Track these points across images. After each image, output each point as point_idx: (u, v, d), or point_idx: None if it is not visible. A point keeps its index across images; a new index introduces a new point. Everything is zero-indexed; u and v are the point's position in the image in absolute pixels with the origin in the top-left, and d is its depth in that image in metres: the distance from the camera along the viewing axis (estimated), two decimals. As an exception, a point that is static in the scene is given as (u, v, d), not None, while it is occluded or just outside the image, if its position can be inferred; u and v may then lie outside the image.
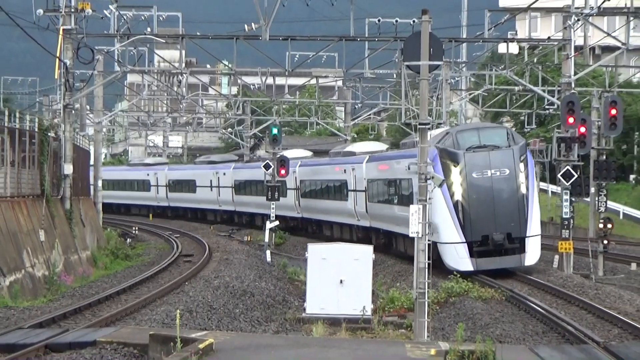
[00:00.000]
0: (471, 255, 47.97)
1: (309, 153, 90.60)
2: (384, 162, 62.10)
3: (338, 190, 70.71)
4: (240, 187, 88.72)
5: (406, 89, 63.95)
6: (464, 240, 47.87)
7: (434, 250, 39.63)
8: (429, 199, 38.53)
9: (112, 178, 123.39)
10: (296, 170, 78.59)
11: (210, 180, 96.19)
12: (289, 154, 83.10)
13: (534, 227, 48.93)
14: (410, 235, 33.19)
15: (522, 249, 48.47)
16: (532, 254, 49.28)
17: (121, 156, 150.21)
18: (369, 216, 63.63)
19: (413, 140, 57.26)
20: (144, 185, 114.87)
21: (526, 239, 48.29)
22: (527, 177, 48.88)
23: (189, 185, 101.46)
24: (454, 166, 47.80)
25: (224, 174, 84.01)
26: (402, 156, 59.08)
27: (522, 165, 48.54)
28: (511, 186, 48.29)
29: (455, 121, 77.43)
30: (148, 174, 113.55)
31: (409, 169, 44.03)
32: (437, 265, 45.06)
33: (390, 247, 64.19)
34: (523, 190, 48.50)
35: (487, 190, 48.15)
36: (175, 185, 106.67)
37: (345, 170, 70.17)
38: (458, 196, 48.20)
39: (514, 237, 48.35)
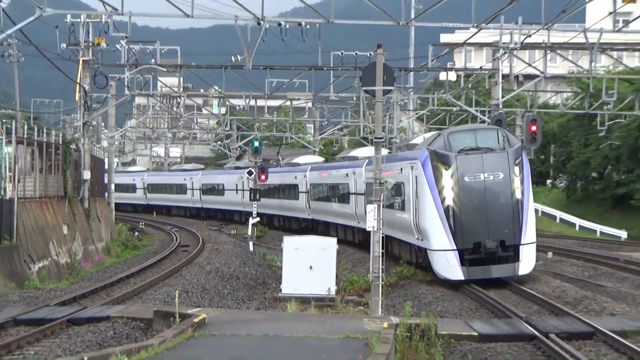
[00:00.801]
0: (462, 263, 37.89)
1: (320, 159, 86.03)
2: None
3: (342, 193, 64.32)
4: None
5: (364, 109, 63.81)
6: (455, 248, 37.83)
7: (424, 256, 39.41)
8: (415, 200, 39.29)
9: (156, 182, 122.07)
10: (306, 175, 73.77)
11: (236, 185, 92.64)
12: (301, 159, 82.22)
13: (529, 234, 38.81)
14: (367, 229, 33.29)
15: (516, 258, 38.52)
16: (527, 262, 39.00)
17: (130, 164, 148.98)
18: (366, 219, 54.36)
19: (407, 143, 53.61)
20: (181, 189, 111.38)
21: (520, 246, 38.47)
22: (522, 182, 38.98)
23: (218, 189, 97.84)
24: (445, 169, 38.19)
25: (247, 179, 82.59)
26: (396, 159, 49.76)
27: (517, 169, 38.82)
28: (505, 191, 38.65)
29: (404, 136, 76.86)
30: (185, 179, 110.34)
31: (401, 172, 43.27)
32: (430, 270, 40.52)
33: (387, 250, 47.77)
34: (518, 195, 38.59)
35: (480, 195, 38.32)
36: (207, 189, 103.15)
37: (347, 174, 63.11)
38: (449, 201, 38.17)
39: (508, 245, 38.41)
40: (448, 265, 38.15)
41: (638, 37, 58.50)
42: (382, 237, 33.46)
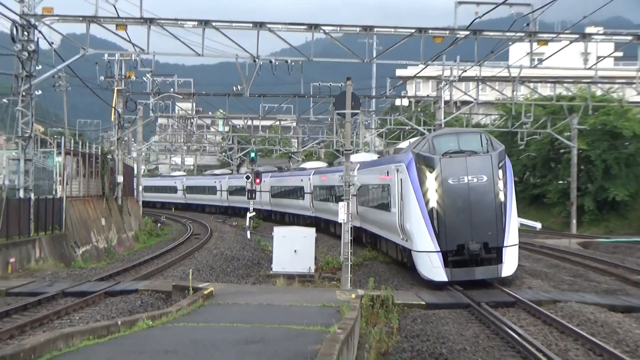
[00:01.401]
0: (446, 265, 30.89)
1: (324, 164, 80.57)
2: (370, 169, 45.63)
3: (337, 194, 56.36)
4: (276, 192, 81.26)
5: (336, 128, 64.05)
6: (439, 250, 30.86)
7: (409, 257, 33.37)
8: (400, 202, 33.28)
9: (192, 185, 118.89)
10: (310, 178, 67.28)
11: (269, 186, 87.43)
12: (307, 164, 78.98)
13: (511, 236, 31.89)
14: (339, 221, 33.16)
15: (499, 260, 31.42)
16: (510, 264, 31.84)
17: (154, 171, 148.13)
18: (359, 218, 48.56)
19: (394, 148, 47.07)
20: (212, 190, 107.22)
21: (503, 248, 31.43)
22: (505, 185, 32.14)
23: (241, 190, 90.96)
24: (430, 172, 31.37)
25: (264, 181, 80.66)
26: (381, 163, 43.81)
27: (500, 172, 32.00)
28: (489, 193, 31.57)
29: (367, 149, 76.79)
30: (215, 182, 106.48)
31: (387, 174, 37.45)
32: (415, 270, 33.22)
33: (376, 246, 46.22)
34: (501, 197, 31.68)
35: (464, 197, 31.37)
36: (232, 190, 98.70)
37: (342, 177, 56.20)
38: (433, 203, 31.18)
39: (491, 247, 31.40)
40: (432, 266, 31.12)
41: (549, 72, 58.63)
42: (351, 227, 33.38)
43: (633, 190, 76.44)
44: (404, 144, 44.89)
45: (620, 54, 74.96)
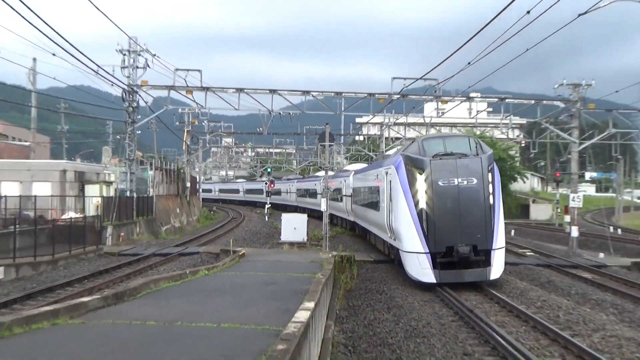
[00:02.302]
0: (434, 266, 20.93)
1: (331, 173, 61.63)
2: (363, 174, 35.11)
3: (337, 195, 46.04)
4: (300, 193, 70.70)
5: (319, 153, 63.86)
6: (427, 251, 20.93)
7: (396, 255, 23.84)
8: (390, 203, 23.38)
9: (248, 188, 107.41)
10: (321, 183, 48.08)
11: (287, 189, 78.72)
12: (319, 173, 63.91)
13: (499, 239, 21.22)
14: (321, 209, 32.60)
15: (487, 262, 20.95)
16: (497, 267, 21.11)
17: (209, 179, 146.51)
18: (353, 214, 39.64)
19: (385, 154, 36.01)
20: (260, 192, 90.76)
21: (492, 251, 20.91)
22: (494, 187, 21.55)
23: (277, 192, 79.60)
24: (419, 174, 21.34)
25: (291, 185, 75.82)
26: (375, 167, 30.55)
27: (489, 175, 21.46)
28: (478, 196, 21.13)
29: (339, 166, 76.59)
30: (262, 185, 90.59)
31: (377, 177, 27.63)
32: (402, 269, 22.59)
33: (366, 239, 36.09)
34: (490, 200, 21.16)
35: (454, 199, 21.09)
36: (273, 192, 79.10)
37: (341, 182, 45.07)
38: (422, 204, 21.17)
39: (480, 250, 20.93)
40: (420, 268, 21.06)
41: (448, 119, 59.28)
42: (328, 215, 33.08)
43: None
44: (391, 151, 35.18)
45: (490, 109, 76.46)
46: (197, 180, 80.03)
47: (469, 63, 25.76)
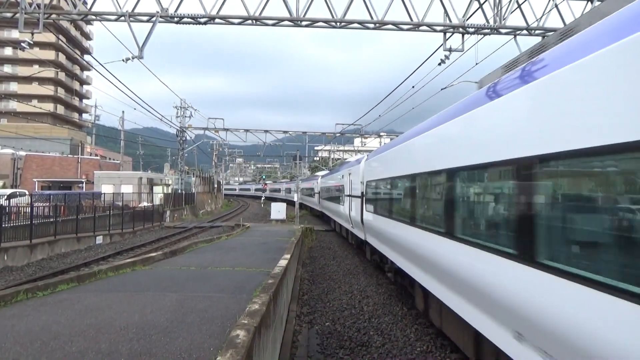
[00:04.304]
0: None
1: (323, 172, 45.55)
2: (330, 175, 25.32)
3: (313, 192, 35.31)
4: (287, 191, 56.57)
5: (292, 168, 63.33)
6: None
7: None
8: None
9: (275, 188, 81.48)
10: (318, 181, 32.30)
11: (284, 188, 63.67)
12: (318, 173, 43.12)
13: None
14: (295, 200, 31.50)
15: None
16: None
17: (228, 183, 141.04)
18: (321, 206, 29.77)
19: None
20: (279, 191, 69.75)
21: None
22: None
23: (290, 190, 58.82)
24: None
25: (300, 183, 62.34)
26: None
27: None
28: None
29: (306, 175, 74.10)
30: (278, 186, 71.89)
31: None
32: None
33: (332, 226, 25.81)
34: None
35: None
36: (287, 190, 63.88)
37: (314, 183, 35.09)
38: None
39: None
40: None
41: (370, 148, 59.37)
42: (299, 203, 32.33)
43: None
44: (351, 159, 24.96)
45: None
46: (221, 183, 78.61)
47: (379, 115, 26.04)
